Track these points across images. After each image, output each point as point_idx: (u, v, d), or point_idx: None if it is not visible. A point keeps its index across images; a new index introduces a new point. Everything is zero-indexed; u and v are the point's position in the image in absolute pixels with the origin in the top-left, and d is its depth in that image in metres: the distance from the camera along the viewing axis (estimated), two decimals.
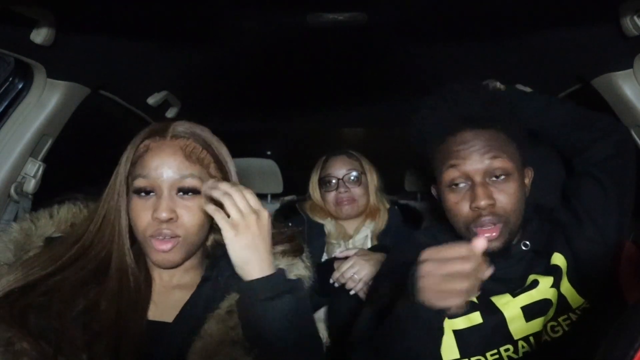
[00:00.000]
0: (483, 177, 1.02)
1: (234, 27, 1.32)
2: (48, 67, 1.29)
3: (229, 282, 0.95)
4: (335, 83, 1.92)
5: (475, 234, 1.01)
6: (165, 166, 0.93)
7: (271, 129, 3.19)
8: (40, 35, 1.12)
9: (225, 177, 1.01)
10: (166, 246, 0.92)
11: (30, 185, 1.38)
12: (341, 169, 1.87)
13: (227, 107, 2.23)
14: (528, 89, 1.50)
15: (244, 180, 1.03)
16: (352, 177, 1.85)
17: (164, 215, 0.90)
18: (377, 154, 2.06)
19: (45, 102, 1.35)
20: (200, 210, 0.94)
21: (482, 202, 1.00)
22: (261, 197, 2.55)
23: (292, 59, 1.63)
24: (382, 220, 1.85)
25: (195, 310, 0.94)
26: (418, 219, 2.04)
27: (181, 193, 0.93)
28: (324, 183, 1.89)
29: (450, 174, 1.05)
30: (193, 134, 0.97)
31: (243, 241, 0.86)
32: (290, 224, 1.81)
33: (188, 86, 1.86)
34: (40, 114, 1.35)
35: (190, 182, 0.93)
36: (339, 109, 2.31)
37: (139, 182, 0.93)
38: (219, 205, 0.87)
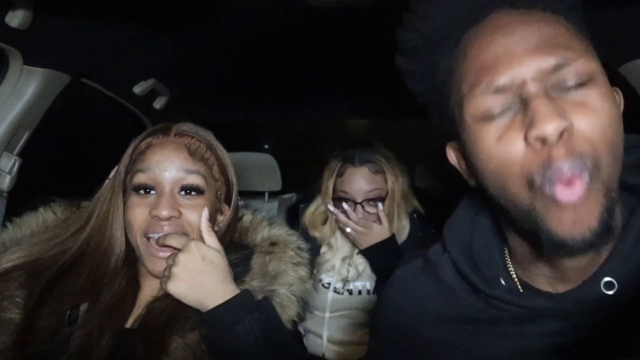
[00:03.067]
0: (542, 84, 0.58)
1: (227, 8, 1.31)
2: (24, 53, 1.28)
3: None
4: (338, 70, 1.90)
5: (549, 196, 0.56)
6: (168, 162, 0.94)
7: (269, 120, 3.17)
8: (16, 18, 1.11)
9: (227, 182, 1.04)
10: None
11: (5, 183, 1.38)
12: (360, 190, 1.61)
13: (220, 97, 2.22)
14: None
15: (239, 177, 1.05)
16: (372, 200, 1.62)
17: (164, 213, 0.90)
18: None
19: (22, 91, 1.34)
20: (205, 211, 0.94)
21: (549, 126, 0.54)
22: (258, 194, 2.53)
23: (291, 44, 1.62)
24: (401, 232, 1.68)
25: (157, 321, 0.90)
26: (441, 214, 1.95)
27: (184, 192, 0.94)
28: (336, 200, 1.67)
29: (480, 90, 0.60)
30: (197, 134, 1.00)
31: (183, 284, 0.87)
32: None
33: (177, 74, 1.85)
34: (16, 104, 1.34)
35: (195, 179, 0.95)
36: (343, 98, 2.29)
37: (139, 178, 0.93)
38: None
